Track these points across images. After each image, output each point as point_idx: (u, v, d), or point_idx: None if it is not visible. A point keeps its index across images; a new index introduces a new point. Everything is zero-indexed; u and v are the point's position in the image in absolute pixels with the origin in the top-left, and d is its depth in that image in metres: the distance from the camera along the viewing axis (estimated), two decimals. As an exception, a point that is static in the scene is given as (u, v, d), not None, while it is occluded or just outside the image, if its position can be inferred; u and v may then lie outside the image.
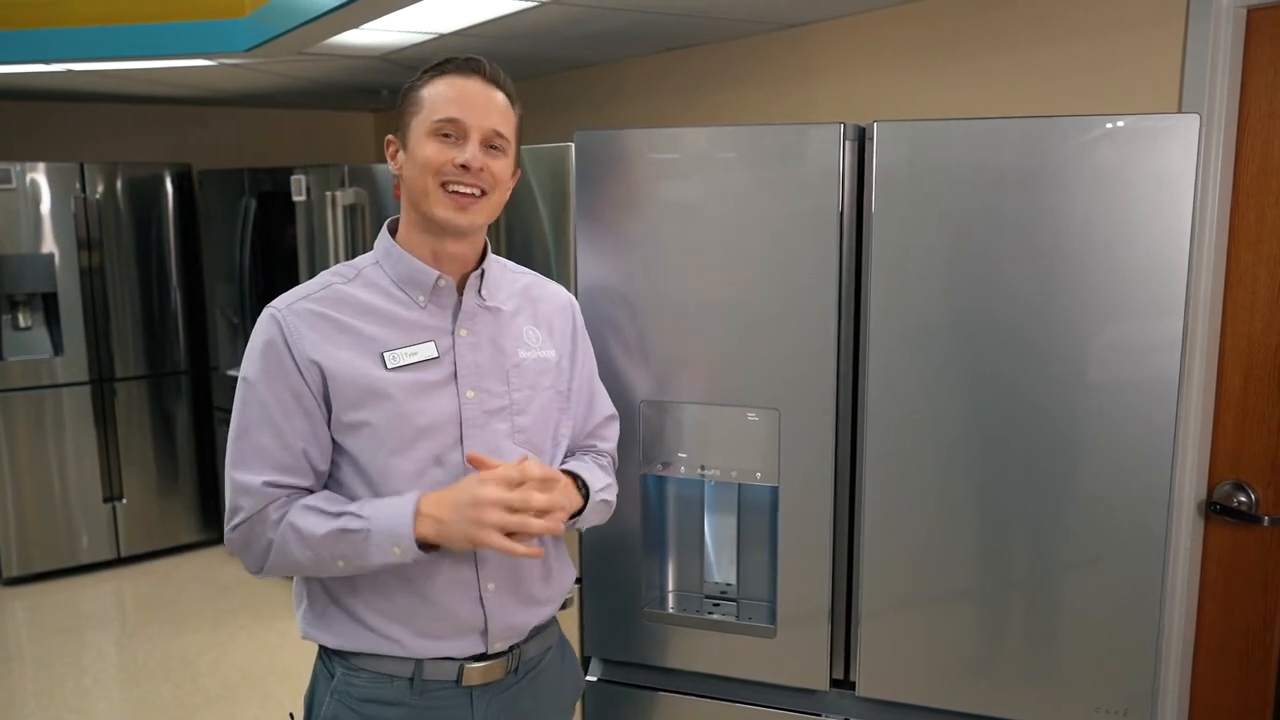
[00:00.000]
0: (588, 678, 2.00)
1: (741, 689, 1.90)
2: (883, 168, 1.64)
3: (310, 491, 1.42)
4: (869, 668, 1.78)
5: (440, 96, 1.40)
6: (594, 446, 1.67)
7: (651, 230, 1.80)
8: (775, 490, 1.81)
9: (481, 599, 1.45)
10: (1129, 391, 1.57)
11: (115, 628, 3.98)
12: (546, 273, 2.22)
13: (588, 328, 1.82)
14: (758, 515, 1.90)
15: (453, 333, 1.45)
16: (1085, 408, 1.59)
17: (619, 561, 1.93)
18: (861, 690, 1.80)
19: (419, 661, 1.44)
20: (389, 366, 1.40)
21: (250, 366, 1.40)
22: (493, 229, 2.36)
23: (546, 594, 1.54)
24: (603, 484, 1.57)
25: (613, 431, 1.71)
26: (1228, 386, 2.02)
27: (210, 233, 4.63)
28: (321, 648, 1.49)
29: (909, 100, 2.55)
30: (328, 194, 3.44)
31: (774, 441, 1.78)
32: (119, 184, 4.46)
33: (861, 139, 1.68)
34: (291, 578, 1.48)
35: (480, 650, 1.47)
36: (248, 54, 3.18)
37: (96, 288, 4.44)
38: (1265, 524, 1.98)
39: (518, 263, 1.65)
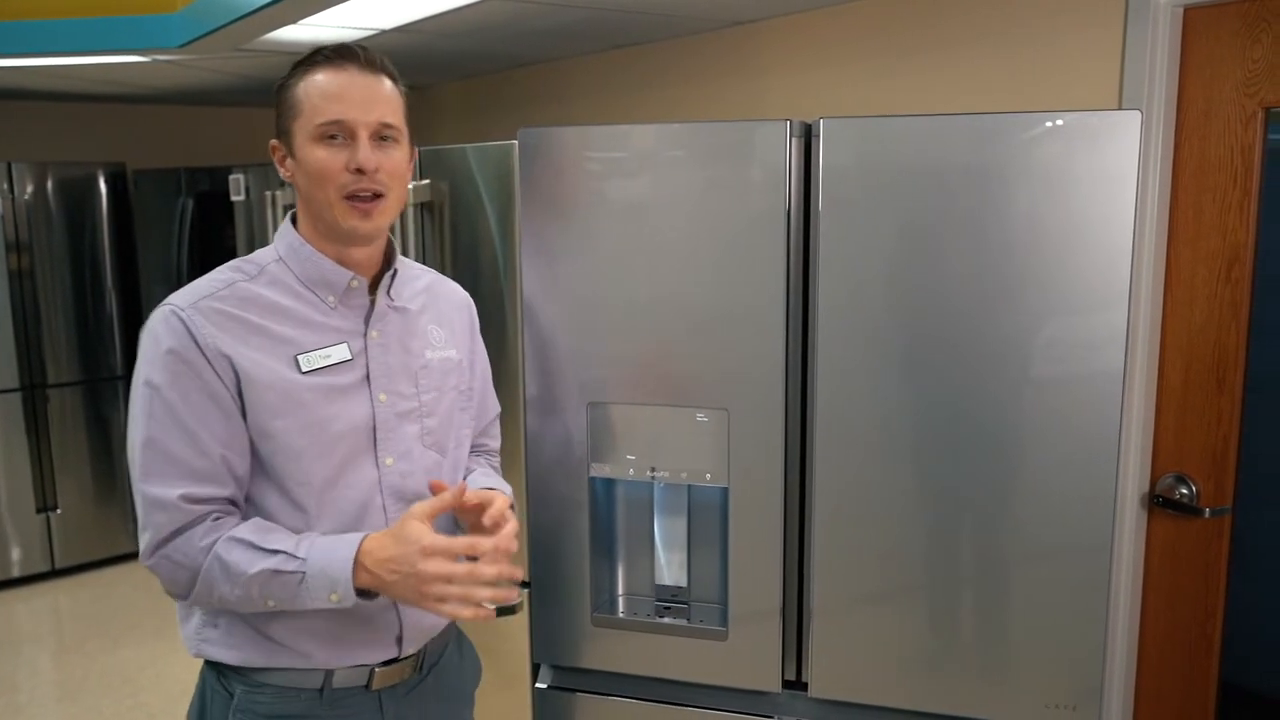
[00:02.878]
0: (536, 684, 1.97)
1: (694, 692, 1.88)
2: (830, 164, 1.63)
3: (232, 503, 1.34)
4: (821, 668, 1.78)
5: (318, 95, 1.31)
6: (485, 445, 1.67)
7: (597, 229, 1.78)
8: (725, 491, 1.79)
9: (396, 605, 1.41)
10: (1075, 386, 1.58)
11: (51, 642, 3.86)
12: (494, 273, 2.19)
13: (534, 328, 1.80)
14: (708, 517, 1.88)
15: (364, 334, 1.41)
16: (1032, 403, 1.60)
17: (567, 566, 1.90)
18: (814, 691, 1.79)
19: (329, 671, 1.39)
20: (303, 370, 1.34)
21: (153, 370, 1.30)
22: (438, 228, 2.32)
23: None
24: (509, 491, 1.56)
25: (498, 429, 1.72)
26: (1169, 381, 2.05)
27: (146, 234, 4.51)
28: (214, 665, 1.41)
29: (855, 97, 2.55)
30: (267, 193, 3.36)
31: (723, 442, 1.76)
32: (49, 184, 4.32)
33: (808, 136, 1.67)
34: None
35: (393, 655, 1.44)
36: (182, 50, 3.09)
37: (26, 291, 4.30)
38: (1206, 515, 2.01)
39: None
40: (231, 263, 1.41)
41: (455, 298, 1.60)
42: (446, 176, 2.27)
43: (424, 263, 2.37)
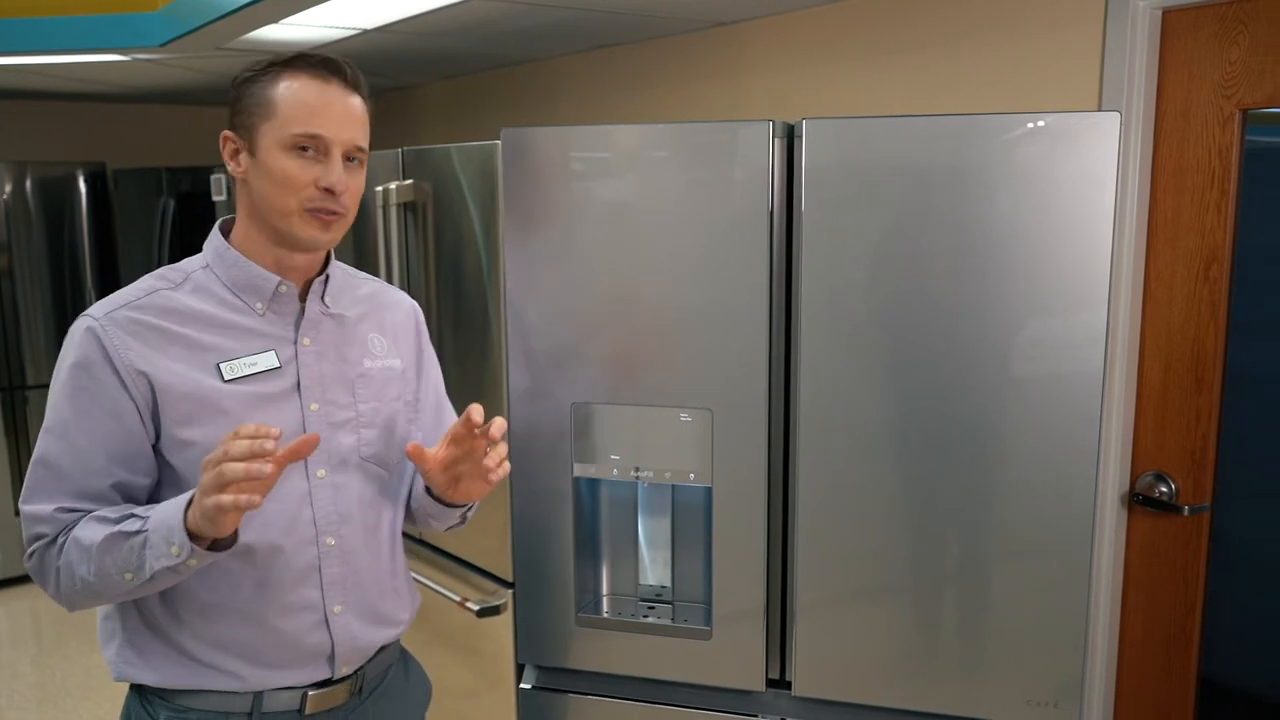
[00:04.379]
0: (521, 685, 1.97)
1: (678, 692, 1.89)
2: (812, 165, 1.64)
3: None
4: (805, 667, 1.78)
5: (297, 104, 1.26)
6: None
7: (581, 229, 1.78)
8: (709, 491, 1.79)
9: (328, 622, 1.36)
10: (1056, 386, 1.59)
11: (31, 646, 3.82)
12: (477, 273, 2.18)
13: (518, 328, 1.79)
14: (692, 516, 1.88)
15: (295, 341, 1.35)
16: (1013, 403, 1.61)
17: (551, 566, 1.90)
18: (798, 690, 1.80)
19: (258, 694, 1.33)
20: (226, 378, 1.28)
21: (57, 384, 1.25)
22: (421, 229, 2.32)
23: (396, 614, 1.47)
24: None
25: None
26: (1148, 380, 2.06)
27: (127, 234, 4.48)
28: (138, 688, 1.35)
29: (837, 97, 2.56)
30: (249, 193, 3.34)
31: (707, 442, 1.77)
32: (28, 184, 4.29)
33: (790, 136, 1.67)
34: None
35: (326, 676, 1.38)
36: (163, 49, 3.07)
37: (5, 292, 4.26)
38: (1185, 513, 2.03)
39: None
40: (156, 271, 1.36)
41: (400, 307, 1.54)
42: (430, 177, 2.27)
43: (406, 264, 2.37)
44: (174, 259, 4.23)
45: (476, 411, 1.32)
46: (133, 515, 1.23)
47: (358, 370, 1.41)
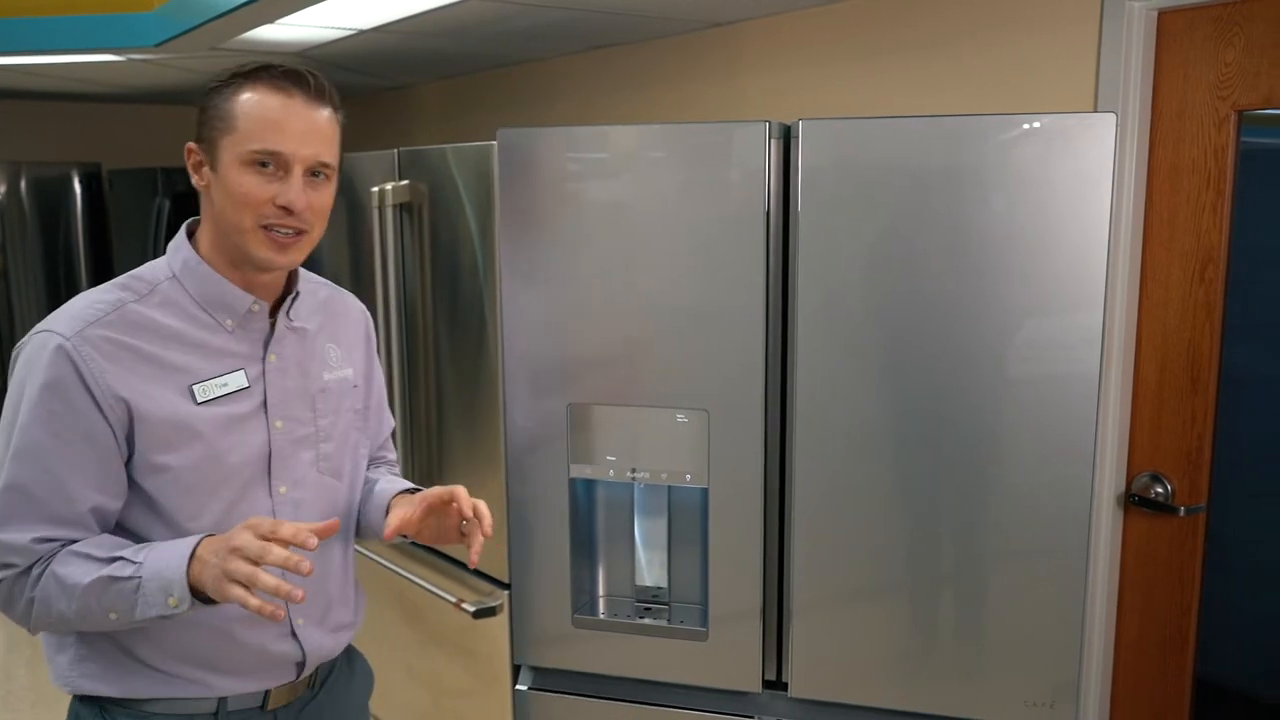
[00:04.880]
0: (517, 686, 1.96)
1: (674, 693, 1.88)
2: (808, 166, 1.64)
3: None
4: (801, 668, 1.78)
5: (256, 119, 1.22)
6: (384, 458, 1.62)
7: (577, 230, 1.77)
8: (705, 492, 1.79)
9: (295, 633, 1.36)
10: (1051, 387, 1.59)
11: (26, 648, 3.81)
12: (473, 274, 2.18)
13: (514, 329, 1.79)
14: (688, 517, 1.88)
15: (262, 359, 1.33)
16: (1010, 403, 1.61)
17: (548, 567, 1.89)
18: (794, 691, 1.79)
19: (224, 697, 1.33)
20: (199, 400, 1.26)
21: (26, 407, 1.20)
22: (417, 229, 2.31)
23: (350, 620, 1.48)
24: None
25: (391, 443, 1.66)
26: (1144, 380, 2.06)
27: (122, 235, 4.47)
28: (90, 699, 1.32)
29: (833, 98, 2.56)
30: (245, 194, 3.33)
31: (703, 443, 1.76)
32: (23, 184, 4.28)
33: (787, 137, 1.67)
34: None
35: (291, 679, 1.39)
36: (158, 49, 3.06)
37: (0, 292, 4.25)
38: (1181, 514, 2.03)
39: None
40: (118, 279, 1.30)
41: (351, 313, 1.52)
42: (426, 177, 2.26)
43: (403, 265, 2.36)
44: (169, 260, 4.21)
45: (465, 504, 1.32)
46: (122, 559, 1.19)
47: (318, 385, 1.40)
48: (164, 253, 1.36)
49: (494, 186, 2.05)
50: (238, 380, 1.30)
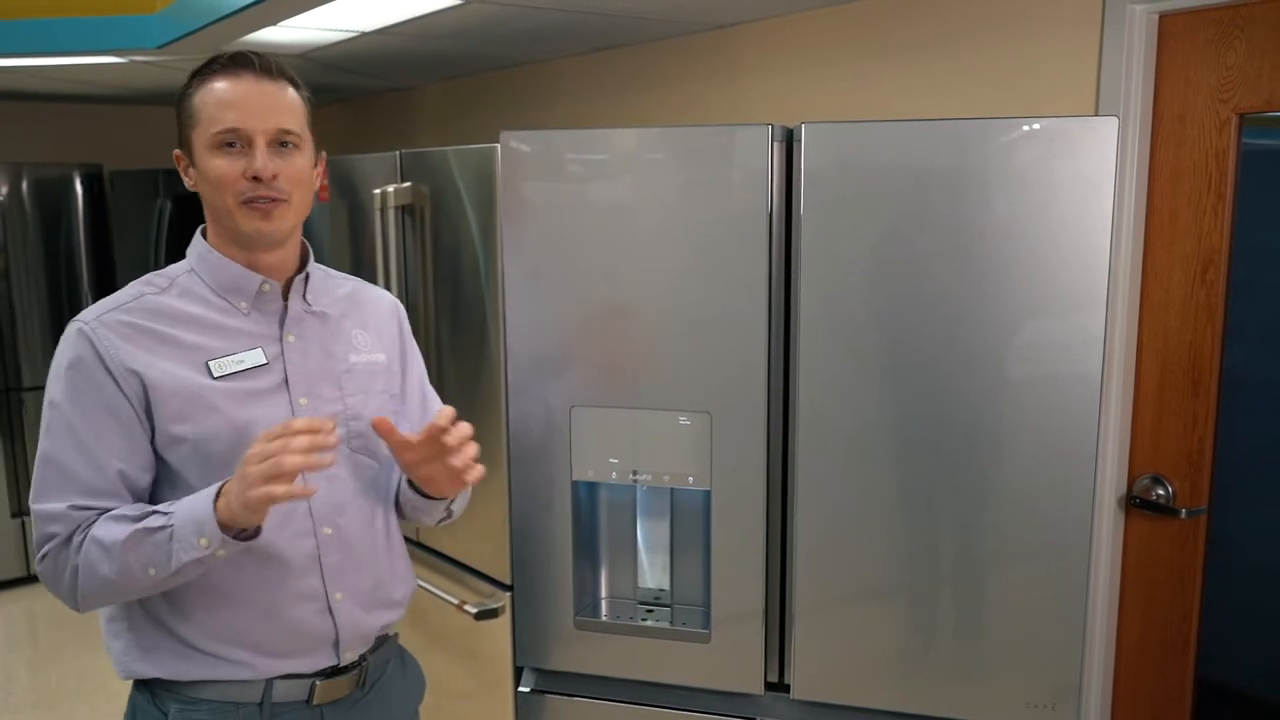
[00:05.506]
0: (519, 688, 1.97)
1: (677, 695, 1.89)
2: (811, 169, 1.64)
3: None
4: (803, 670, 1.78)
5: (214, 104, 1.31)
6: None
7: (579, 232, 1.78)
8: (708, 494, 1.79)
9: (330, 609, 1.40)
10: (1054, 389, 1.59)
11: (27, 649, 3.82)
12: (475, 276, 2.18)
13: (516, 331, 1.79)
14: (690, 519, 1.88)
15: (280, 339, 1.40)
16: (1011, 405, 1.61)
17: (550, 569, 1.90)
18: (796, 693, 1.80)
19: (268, 682, 1.37)
20: (215, 375, 1.33)
21: (55, 387, 1.30)
22: (419, 231, 2.32)
23: (392, 596, 1.51)
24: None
25: None
26: (1145, 382, 2.07)
27: (123, 236, 4.47)
28: (145, 684, 1.39)
29: (834, 100, 2.56)
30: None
31: (706, 445, 1.77)
32: (25, 185, 4.28)
33: (789, 140, 1.67)
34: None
35: (332, 663, 1.42)
36: (160, 51, 3.07)
37: (1, 293, 4.25)
38: (1182, 516, 2.03)
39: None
40: (143, 277, 1.40)
41: (381, 303, 1.58)
42: (428, 179, 2.27)
43: (404, 266, 2.37)
44: (170, 261, 4.22)
45: (444, 416, 1.36)
46: (155, 512, 1.27)
47: (344, 365, 1.46)
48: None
49: (496, 189, 2.06)
50: (255, 357, 1.37)
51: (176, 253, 4.51)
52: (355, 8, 2.46)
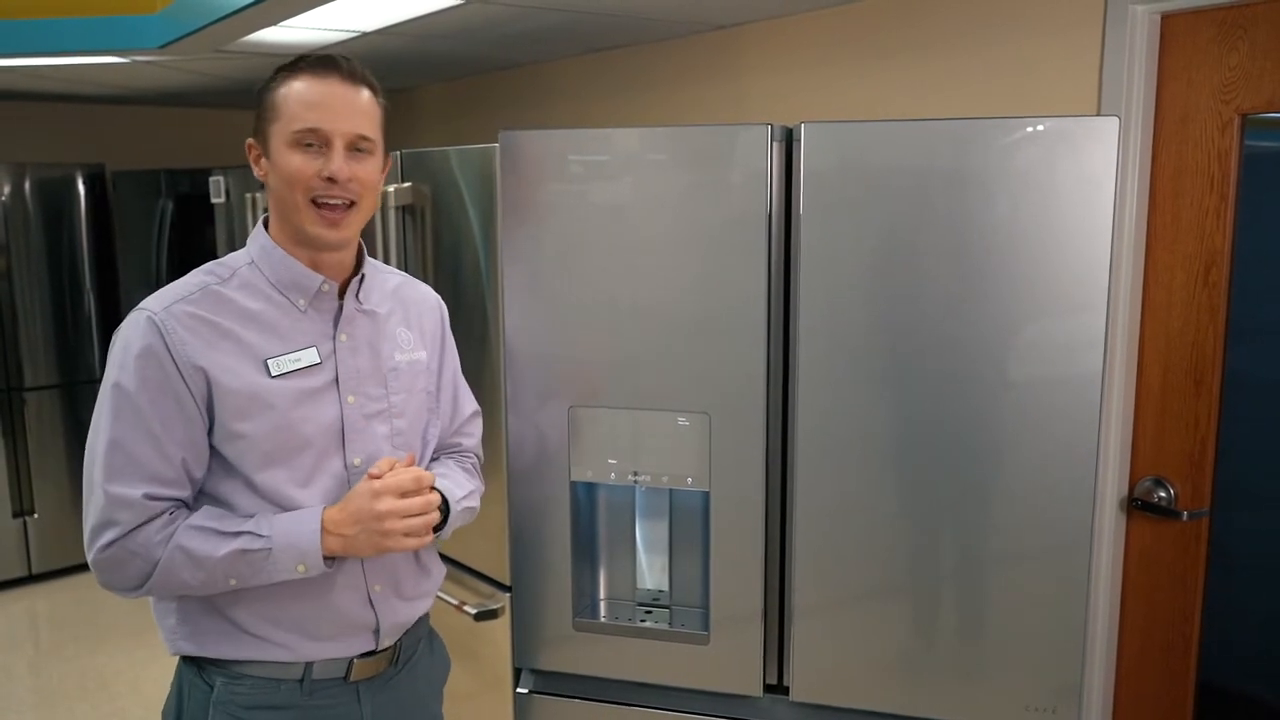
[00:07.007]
0: (518, 689, 1.96)
1: (676, 696, 1.88)
2: (811, 169, 1.63)
3: (185, 504, 1.37)
4: (803, 672, 1.78)
5: (297, 102, 1.35)
6: (459, 445, 1.69)
7: (579, 232, 1.77)
8: (707, 495, 1.79)
9: (371, 600, 1.47)
10: (1055, 390, 1.59)
11: (28, 649, 3.82)
12: (475, 276, 2.18)
13: (516, 331, 1.80)
14: (690, 520, 1.88)
15: (333, 338, 1.44)
16: (1012, 406, 1.61)
17: (549, 570, 1.89)
18: (795, 695, 1.79)
19: (309, 662, 1.43)
20: (273, 374, 1.37)
21: (124, 374, 1.33)
22: (420, 231, 2.31)
23: (423, 589, 1.58)
24: (465, 491, 1.58)
25: (475, 428, 1.73)
26: (1147, 384, 2.06)
27: (125, 236, 4.47)
28: (192, 660, 1.44)
29: (835, 100, 2.56)
30: (247, 196, 3.34)
31: (705, 446, 1.76)
32: (27, 185, 4.28)
33: (789, 140, 1.67)
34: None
35: (370, 648, 1.48)
36: (161, 51, 3.07)
37: (3, 293, 4.25)
38: (1184, 519, 2.02)
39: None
40: (204, 266, 1.43)
41: (427, 301, 1.63)
42: (428, 179, 2.26)
43: (405, 266, 2.36)
44: (172, 261, 4.23)
45: (378, 465, 1.41)
46: (248, 533, 1.34)
47: (389, 364, 1.50)
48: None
49: (496, 188, 2.05)
50: (310, 356, 1.41)
51: (178, 252, 4.51)
52: (356, 8, 2.46)
